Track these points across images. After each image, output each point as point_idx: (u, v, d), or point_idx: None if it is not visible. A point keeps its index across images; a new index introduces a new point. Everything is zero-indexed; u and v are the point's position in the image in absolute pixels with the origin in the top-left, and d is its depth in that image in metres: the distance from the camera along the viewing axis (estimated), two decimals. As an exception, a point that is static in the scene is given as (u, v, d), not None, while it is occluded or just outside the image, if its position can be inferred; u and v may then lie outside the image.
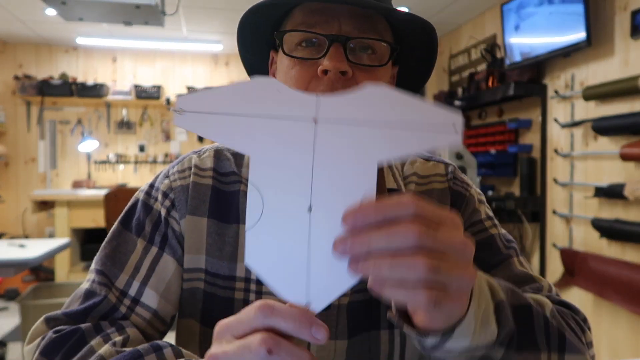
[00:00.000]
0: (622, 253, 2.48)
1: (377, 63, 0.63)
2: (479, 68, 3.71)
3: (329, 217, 0.38)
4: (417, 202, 0.36)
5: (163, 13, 2.54)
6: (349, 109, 0.39)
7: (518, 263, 0.71)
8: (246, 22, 0.68)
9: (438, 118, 0.38)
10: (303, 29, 0.63)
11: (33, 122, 4.70)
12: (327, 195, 0.38)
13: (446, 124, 0.38)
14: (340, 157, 0.39)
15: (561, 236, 2.93)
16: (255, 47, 0.73)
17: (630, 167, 2.41)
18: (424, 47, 0.69)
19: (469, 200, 0.76)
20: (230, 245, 0.67)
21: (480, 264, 0.69)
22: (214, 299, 0.67)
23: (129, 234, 0.68)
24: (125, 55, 4.88)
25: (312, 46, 0.63)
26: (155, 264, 0.67)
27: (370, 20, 0.63)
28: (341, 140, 0.39)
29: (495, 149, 3.38)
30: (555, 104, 2.95)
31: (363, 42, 0.62)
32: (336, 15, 0.62)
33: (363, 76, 0.62)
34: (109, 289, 0.64)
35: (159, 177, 0.73)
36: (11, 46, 4.65)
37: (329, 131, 0.39)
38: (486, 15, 3.69)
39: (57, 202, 4.08)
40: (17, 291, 4.14)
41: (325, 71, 0.59)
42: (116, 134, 4.90)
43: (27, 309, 2.87)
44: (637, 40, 2.37)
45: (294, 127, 0.39)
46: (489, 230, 0.73)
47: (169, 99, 4.63)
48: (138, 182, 4.87)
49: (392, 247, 0.35)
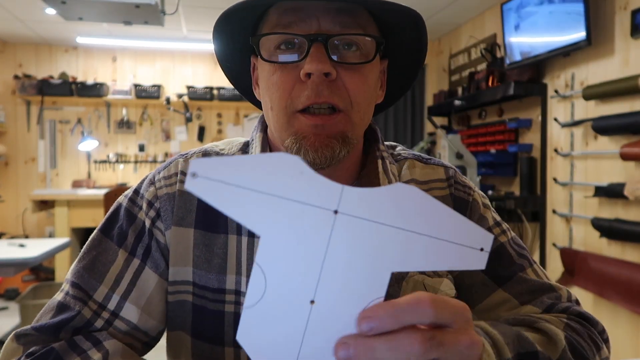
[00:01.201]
0: (622, 253, 2.47)
1: (363, 60, 0.59)
2: (479, 67, 3.71)
3: (329, 315, 0.36)
4: (435, 308, 0.35)
5: (163, 12, 2.54)
6: (374, 206, 0.36)
7: (533, 272, 0.69)
8: (220, 30, 0.64)
9: (468, 236, 0.36)
10: (279, 30, 0.58)
11: (33, 121, 4.70)
12: (333, 293, 0.36)
13: (474, 244, 0.36)
14: (355, 256, 0.36)
15: (561, 236, 2.93)
16: (234, 54, 0.69)
17: (630, 166, 2.41)
18: (412, 37, 0.65)
19: (473, 206, 0.71)
20: (219, 257, 0.64)
21: (493, 277, 0.68)
22: (204, 312, 0.65)
23: (109, 243, 0.65)
24: (125, 55, 4.88)
25: (292, 48, 0.59)
26: (137, 277, 0.63)
27: (351, 14, 0.59)
28: (359, 238, 0.36)
29: (495, 148, 3.38)
30: (555, 103, 2.94)
31: (346, 39, 0.58)
32: (313, 12, 0.58)
33: (349, 75, 0.58)
34: (84, 304, 0.61)
35: (144, 182, 0.69)
36: (11, 46, 4.65)
37: (348, 226, 0.36)
38: (486, 15, 3.68)
39: (57, 201, 4.08)
40: (17, 291, 4.14)
41: (309, 74, 0.56)
42: (116, 133, 4.90)
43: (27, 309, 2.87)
44: (637, 39, 2.37)
45: (313, 214, 0.36)
46: (498, 239, 0.70)
47: (169, 98, 4.63)
48: (138, 181, 4.85)
49: (397, 357, 0.34)
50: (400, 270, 0.37)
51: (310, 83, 0.57)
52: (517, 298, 0.67)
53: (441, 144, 3.05)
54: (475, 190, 0.74)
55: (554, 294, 0.67)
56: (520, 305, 0.67)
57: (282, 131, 0.61)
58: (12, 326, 3.37)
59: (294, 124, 0.59)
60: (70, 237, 3.97)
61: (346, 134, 0.59)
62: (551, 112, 2.98)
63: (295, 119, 0.59)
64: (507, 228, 0.73)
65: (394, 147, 0.77)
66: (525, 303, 0.66)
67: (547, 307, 0.65)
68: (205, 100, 4.77)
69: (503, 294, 0.67)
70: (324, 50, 0.56)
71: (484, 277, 0.68)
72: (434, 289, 0.67)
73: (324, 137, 0.58)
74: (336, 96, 0.57)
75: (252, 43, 0.61)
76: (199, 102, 4.82)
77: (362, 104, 0.60)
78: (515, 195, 3.16)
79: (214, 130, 5.06)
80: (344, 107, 0.58)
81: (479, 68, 3.70)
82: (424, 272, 0.67)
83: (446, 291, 0.67)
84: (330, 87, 0.57)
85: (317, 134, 0.58)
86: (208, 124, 5.05)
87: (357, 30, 0.59)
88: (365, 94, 0.61)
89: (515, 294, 0.67)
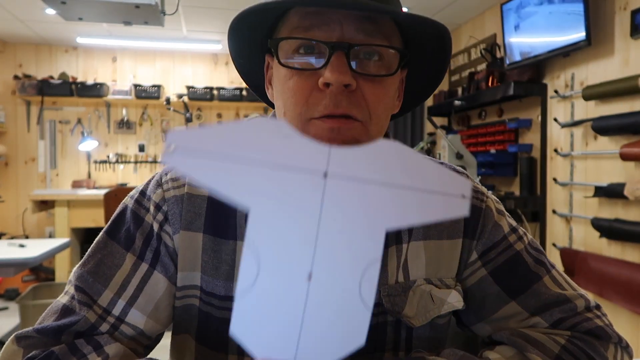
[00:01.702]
0: (622, 253, 2.48)
1: (385, 72, 0.57)
2: (479, 68, 3.71)
3: (329, 285, 0.35)
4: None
5: (163, 13, 2.54)
6: (361, 165, 0.35)
7: (550, 280, 0.67)
8: (237, 27, 0.61)
9: (449, 184, 0.36)
10: (300, 34, 0.56)
11: (33, 121, 4.70)
12: (330, 262, 0.35)
13: (455, 191, 0.36)
14: (349, 218, 0.35)
15: (561, 236, 2.93)
16: (248, 52, 0.66)
17: (630, 166, 2.41)
18: (436, 48, 0.62)
19: (486, 214, 0.69)
20: (227, 263, 0.63)
21: (508, 288, 0.67)
22: (210, 319, 0.64)
23: (116, 246, 0.63)
24: (125, 55, 4.88)
25: (312, 52, 0.56)
26: (145, 282, 0.62)
27: (375, 22, 0.56)
28: (352, 199, 0.35)
29: (495, 148, 3.38)
30: (555, 103, 2.95)
31: (369, 49, 0.56)
32: (336, 16, 0.55)
33: (369, 87, 0.56)
34: (89, 308, 0.59)
35: (151, 184, 0.67)
36: (11, 46, 4.65)
37: (339, 188, 0.34)
38: (486, 15, 3.68)
39: (57, 201, 4.07)
40: (17, 291, 4.14)
41: (327, 84, 0.54)
42: (116, 133, 4.90)
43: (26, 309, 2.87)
44: (637, 39, 2.37)
45: (302, 181, 0.34)
46: (514, 247, 0.68)
47: (169, 98, 4.63)
48: (138, 181, 4.86)
49: None
50: (394, 226, 0.35)
51: (329, 93, 0.54)
52: (529, 311, 0.66)
53: (441, 144, 3.05)
54: (488, 196, 0.71)
55: (568, 306, 0.65)
56: (530, 317, 0.66)
57: None
58: (12, 326, 3.37)
59: (310, 130, 0.56)
60: (70, 237, 3.97)
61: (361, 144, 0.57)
62: (551, 112, 2.98)
63: (310, 125, 0.56)
64: (524, 233, 0.71)
65: None
66: (535, 314, 0.66)
67: (555, 321, 0.64)
68: (205, 101, 4.77)
69: (516, 307, 0.66)
70: (345, 60, 0.54)
71: (498, 290, 0.67)
72: (441, 300, 0.66)
73: (339, 142, 0.55)
74: (355, 108, 0.55)
75: (270, 46, 0.59)
76: (199, 103, 4.82)
77: (381, 116, 0.59)
78: (515, 195, 3.16)
79: (214, 130, 5.06)
80: (361, 118, 0.56)
81: (479, 68, 3.70)
82: (431, 282, 0.66)
83: (453, 303, 0.66)
84: (349, 98, 0.55)
85: (332, 138, 0.55)
86: (208, 124, 5.04)
87: (382, 40, 0.56)
88: (385, 106, 0.59)
89: (528, 308, 0.66)
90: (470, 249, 0.69)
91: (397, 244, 0.65)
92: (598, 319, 0.65)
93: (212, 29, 4.22)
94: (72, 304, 0.60)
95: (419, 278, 0.66)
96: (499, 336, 0.65)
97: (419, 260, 0.66)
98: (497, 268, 0.68)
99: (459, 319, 0.74)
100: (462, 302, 0.67)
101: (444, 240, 0.67)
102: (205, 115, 5.04)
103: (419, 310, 0.65)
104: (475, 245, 0.69)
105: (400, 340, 0.66)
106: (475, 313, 0.70)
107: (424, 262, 0.66)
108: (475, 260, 0.69)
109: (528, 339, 0.62)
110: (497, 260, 0.68)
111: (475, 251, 0.69)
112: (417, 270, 0.66)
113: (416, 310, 0.65)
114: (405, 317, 0.65)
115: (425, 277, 0.66)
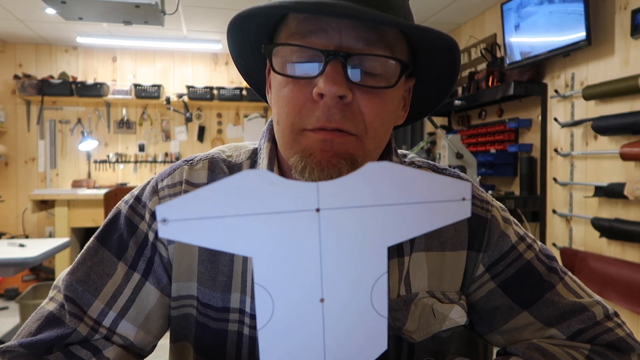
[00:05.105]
0: (622, 252, 2.48)
1: (384, 83, 0.53)
2: (479, 67, 3.71)
3: (342, 305, 0.37)
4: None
5: (163, 12, 2.54)
6: (352, 192, 0.36)
7: (564, 288, 0.65)
8: (235, 28, 0.58)
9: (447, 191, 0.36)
10: (297, 40, 0.53)
11: (33, 121, 4.70)
12: (339, 284, 0.37)
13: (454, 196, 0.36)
14: (349, 242, 0.36)
15: (561, 236, 2.93)
16: (248, 52, 0.64)
17: (630, 166, 2.41)
18: (444, 61, 0.58)
19: (492, 224, 0.66)
20: (224, 274, 0.61)
21: (519, 299, 0.64)
22: (206, 330, 0.62)
23: (107, 254, 0.61)
24: (125, 55, 4.88)
25: (308, 60, 0.53)
26: (136, 294, 0.60)
27: (377, 30, 0.52)
28: (347, 225, 0.36)
29: (495, 148, 3.38)
30: (555, 103, 2.94)
31: (367, 59, 0.52)
32: (336, 24, 0.52)
33: (366, 99, 0.52)
34: (80, 320, 0.57)
35: (146, 190, 0.64)
36: (11, 46, 4.65)
37: (334, 218, 0.36)
38: (486, 15, 3.68)
39: (57, 201, 4.08)
40: (17, 291, 4.14)
41: (321, 94, 0.51)
42: (116, 133, 4.90)
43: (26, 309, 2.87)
44: (637, 39, 2.37)
45: (297, 220, 0.35)
46: (524, 256, 0.65)
47: (169, 98, 4.63)
48: (138, 181, 4.86)
49: None
50: (395, 241, 0.36)
51: (322, 104, 0.51)
52: (544, 322, 0.64)
53: (441, 144, 3.05)
54: (493, 205, 0.69)
55: (586, 315, 0.62)
56: (545, 327, 0.64)
57: (286, 148, 0.56)
58: (12, 326, 3.37)
59: (301, 142, 0.54)
60: (70, 237, 3.97)
61: (355, 158, 0.53)
62: (551, 112, 2.98)
63: (302, 136, 0.54)
64: (533, 240, 0.68)
65: (405, 156, 0.73)
66: (551, 325, 0.63)
67: (574, 333, 0.62)
68: (205, 100, 4.77)
69: (528, 317, 0.64)
70: (342, 69, 0.50)
71: (509, 301, 0.65)
72: (443, 316, 0.64)
73: (331, 155, 0.52)
74: (349, 121, 0.52)
75: (264, 52, 0.56)
76: (199, 102, 4.82)
77: (379, 130, 0.55)
78: (515, 195, 3.15)
79: (214, 130, 5.06)
80: (356, 132, 0.53)
81: (479, 68, 3.70)
82: (434, 296, 0.64)
83: (455, 319, 0.64)
84: (343, 110, 0.51)
85: (325, 151, 0.52)
86: (208, 124, 5.05)
87: (383, 50, 0.53)
88: (383, 120, 0.55)
89: (542, 318, 0.64)
90: (476, 262, 0.66)
91: (398, 256, 0.63)
92: (619, 329, 0.63)
93: (212, 29, 4.22)
94: (60, 314, 0.58)
95: (422, 290, 0.64)
96: (514, 349, 0.62)
97: (421, 271, 0.64)
98: (507, 280, 0.65)
99: (472, 327, 0.71)
100: (466, 317, 0.65)
101: (446, 251, 0.65)
102: (205, 115, 5.04)
103: (420, 325, 0.63)
104: (481, 258, 0.66)
105: (402, 353, 0.65)
106: (487, 323, 0.68)
107: (426, 274, 0.64)
108: (482, 274, 0.66)
109: (545, 353, 0.59)
110: (506, 272, 0.66)
111: (481, 264, 0.66)
112: (419, 282, 0.64)
113: (417, 325, 0.63)
114: (407, 332, 0.63)
115: (427, 289, 0.64)
